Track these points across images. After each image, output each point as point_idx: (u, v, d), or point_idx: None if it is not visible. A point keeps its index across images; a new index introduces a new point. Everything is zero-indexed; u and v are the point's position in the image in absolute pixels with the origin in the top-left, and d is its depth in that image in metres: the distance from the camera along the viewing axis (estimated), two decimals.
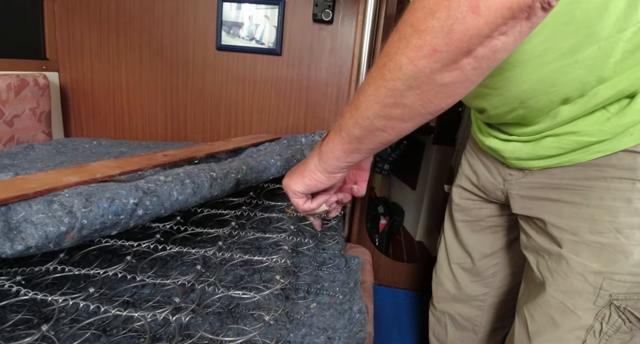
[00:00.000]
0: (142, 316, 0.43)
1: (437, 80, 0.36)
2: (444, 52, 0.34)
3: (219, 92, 1.40)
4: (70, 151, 1.14)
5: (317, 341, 0.63)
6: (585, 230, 0.57)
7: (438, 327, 1.01)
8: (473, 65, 0.35)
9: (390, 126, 0.43)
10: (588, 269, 0.57)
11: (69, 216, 0.51)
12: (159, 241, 0.61)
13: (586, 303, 0.58)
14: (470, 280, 0.91)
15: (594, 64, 0.48)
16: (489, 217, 0.84)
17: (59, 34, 1.44)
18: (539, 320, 0.64)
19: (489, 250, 0.86)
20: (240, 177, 0.74)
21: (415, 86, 0.37)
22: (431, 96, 0.38)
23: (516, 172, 0.68)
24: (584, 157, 0.56)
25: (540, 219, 0.64)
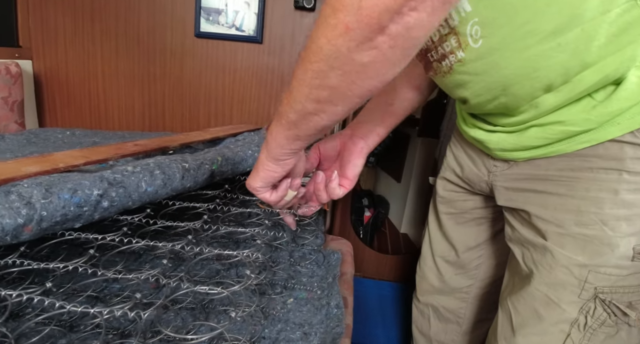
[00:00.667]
0: (98, 312, 0.41)
1: (356, 59, 0.37)
2: (357, 30, 0.34)
3: (198, 80, 1.37)
4: (41, 142, 1.10)
5: (293, 336, 0.61)
6: (571, 222, 0.56)
7: (421, 319, 1.00)
8: (389, 43, 0.35)
9: (321, 109, 0.43)
10: (573, 262, 0.56)
11: (27, 208, 0.49)
12: (126, 234, 0.59)
13: (571, 296, 0.57)
14: (454, 273, 0.90)
15: (578, 47, 0.46)
16: (473, 210, 0.83)
17: (32, 20, 1.38)
18: (523, 313, 0.63)
19: (473, 242, 0.86)
20: (215, 168, 0.71)
21: (336, 66, 0.38)
22: (353, 76, 0.38)
23: (501, 163, 0.66)
24: (569, 148, 0.54)
25: (524, 210, 0.63)
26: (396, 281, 1.81)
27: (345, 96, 0.41)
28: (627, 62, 0.47)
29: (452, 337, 0.95)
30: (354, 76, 0.38)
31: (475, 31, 0.51)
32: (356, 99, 0.42)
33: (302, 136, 0.49)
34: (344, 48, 0.36)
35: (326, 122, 0.45)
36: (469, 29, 0.51)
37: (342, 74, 0.38)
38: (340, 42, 0.36)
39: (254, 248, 0.58)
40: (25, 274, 0.63)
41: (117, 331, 0.58)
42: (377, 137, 0.68)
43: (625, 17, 0.44)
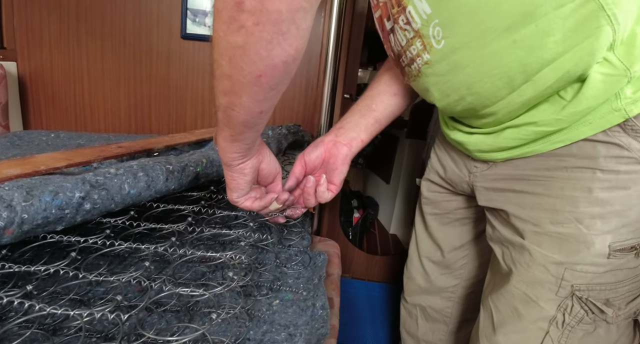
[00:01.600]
0: (78, 314, 0.41)
1: (232, 42, 0.37)
2: (222, 11, 0.36)
3: (184, 82, 1.36)
4: (25, 144, 1.09)
5: (278, 338, 0.61)
6: (547, 221, 0.57)
7: (409, 320, 1.01)
8: (252, 20, 0.35)
9: (232, 102, 0.43)
10: (549, 260, 0.57)
11: (7, 210, 0.48)
12: (109, 236, 0.58)
13: (548, 294, 0.58)
14: (440, 273, 0.91)
15: (533, 43, 0.47)
16: (456, 210, 0.84)
17: (17, 21, 1.36)
18: (504, 311, 0.63)
19: (458, 242, 0.87)
20: (199, 170, 0.71)
21: (222, 52, 0.39)
22: (238, 60, 0.39)
23: (481, 164, 0.67)
24: (544, 148, 0.55)
25: (503, 210, 0.64)
26: (385, 281, 1.82)
27: (242, 84, 0.41)
28: (587, 57, 0.47)
29: (439, 337, 0.95)
30: (239, 61, 0.39)
31: (437, 32, 0.51)
32: (253, 86, 0.41)
33: (235, 135, 0.49)
34: (220, 32, 0.37)
35: (245, 117, 0.45)
36: (431, 31, 0.52)
37: (229, 61, 0.39)
38: (216, 26, 0.37)
39: (239, 250, 0.58)
40: (8, 278, 0.62)
41: (101, 334, 0.57)
42: (360, 143, 0.68)
43: (581, 11, 0.44)
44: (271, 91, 0.43)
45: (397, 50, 0.61)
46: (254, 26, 0.36)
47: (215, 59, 0.40)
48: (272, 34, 0.37)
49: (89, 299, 0.64)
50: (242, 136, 0.49)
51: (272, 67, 0.40)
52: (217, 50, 0.39)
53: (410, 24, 0.54)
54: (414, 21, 0.53)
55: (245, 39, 0.37)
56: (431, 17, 0.51)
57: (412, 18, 0.53)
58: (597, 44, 0.46)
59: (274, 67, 0.40)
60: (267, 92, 0.43)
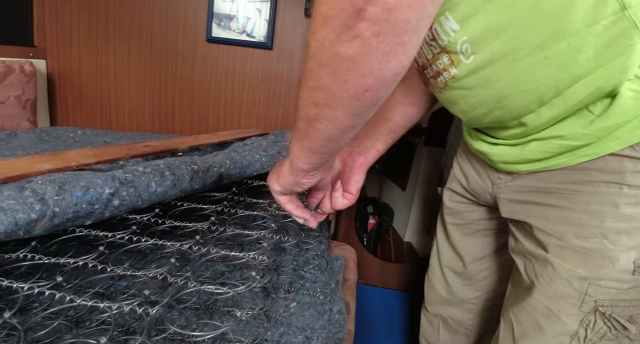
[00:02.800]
0: (108, 306, 0.42)
1: (341, 53, 0.33)
2: (333, 17, 0.31)
3: (207, 84, 1.38)
4: (53, 140, 1.12)
5: (295, 340, 0.62)
6: (571, 235, 0.56)
7: (430, 329, 1.00)
8: (372, 30, 0.31)
9: (322, 115, 0.40)
10: (573, 274, 0.56)
11: (40, 203, 0.50)
12: (135, 232, 0.60)
13: (571, 309, 0.57)
14: (461, 284, 0.90)
15: (565, 60, 0.46)
16: (479, 221, 0.83)
17: (47, 21, 1.41)
18: (525, 324, 0.63)
19: (480, 253, 0.86)
20: (223, 171, 0.72)
21: (325, 62, 0.35)
22: (344, 73, 0.35)
23: (504, 176, 0.67)
24: (570, 161, 0.55)
25: (527, 223, 0.63)
26: (399, 289, 1.80)
27: (341, 97, 0.37)
28: (618, 74, 0.46)
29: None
30: (344, 73, 0.35)
31: (465, 49, 0.51)
32: (355, 101, 0.37)
33: (315, 148, 0.46)
34: (326, 41, 0.33)
35: (332, 131, 0.42)
36: (459, 47, 0.51)
37: (332, 72, 0.35)
38: (321, 34, 0.33)
39: (261, 251, 0.58)
40: (34, 269, 0.64)
41: (122, 328, 0.59)
42: (376, 153, 0.68)
43: (614, 29, 0.44)
44: (372, 105, 0.39)
45: (421, 62, 0.61)
46: (373, 37, 0.31)
47: (311, 69, 0.36)
48: (392, 45, 0.33)
49: (111, 293, 0.66)
50: (323, 150, 0.46)
51: (381, 81, 0.36)
52: (317, 61, 0.35)
53: (436, 41, 0.53)
54: (440, 38, 0.52)
55: (358, 51, 0.33)
56: (459, 34, 0.50)
57: (438, 35, 0.52)
58: (629, 62, 0.46)
59: (384, 80, 0.36)
60: (367, 107, 0.39)
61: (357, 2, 0.29)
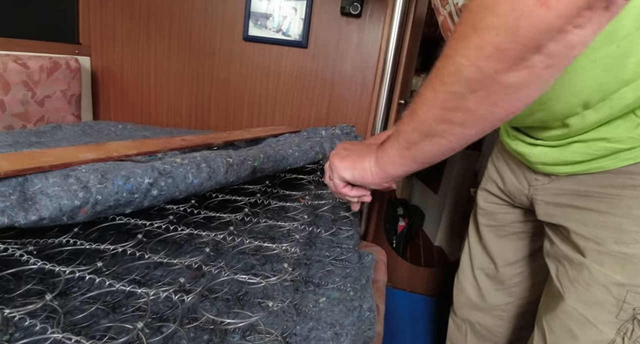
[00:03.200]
0: (145, 292, 0.43)
1: (503, 81, 0.34)
2: (509, 51, 0.31)
3: (243, 83, 1.40)
4: (95, 133, 1.16)
5: (324, 336, 0.61)
6: (610, 240, 0.55)
7: (457, 334, 0.98)
8: (546, 63, 0.32)
9: (451, 132, 0.41)
10: (611, 281, 0.54)
11: (83, 191, 0.52)
12: (172, 222, 0.61)
13: (608, 316, 0.55)
14: (493, 288, 0.88)
15: (613, 63, 0.45)
16: (513, 223, 0.81)
17: (92, 19, 1.47)
18: (557, 332, 0.61)
19: (513, 257, 0.83)
20: (256, 164, 0.73)
21: (478, 88, 0.35)
22: (497, 98, 0.35)
23: (542, 177, 0.65)
24: (612, 165, 0.53)
25: (564, 226, 0.62)
26: (427, 294, 1.77)
27: (484, 119, 0.38)
28: None
29: None
30: (497, 98, 0.35)
31: None
32: (496, 122, 0.38)
33: (420, 159, 0.47)
34: (490, 70, 0.33)
35: (453, 146, 0.43)
36: None
37: (484, 97, 0.36)
38: (487, 63, 0.33)
39: (293, 243, 0.59)
40: (75, 255, 0.66)
41: (156, 315, 0.60)
42: None
43: None
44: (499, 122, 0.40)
45: None
46: (544, 69, 0.32)
47: (456, 93, 0.37)
48: (555, 75, 0.34)
49: (147, 281, 0.67)
50: (427, 161, 0.48)
51: (527, 104, 0.37)
52: (468, 86, 0.35)
53: None
54: None
55: (524, 80, 0.33)
56: None
57: None
58: None
59: (528, 104, 0.37)
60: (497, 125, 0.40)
61: (543, 39, 0.30)
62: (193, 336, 0.57)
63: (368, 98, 1.32)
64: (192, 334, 0.57)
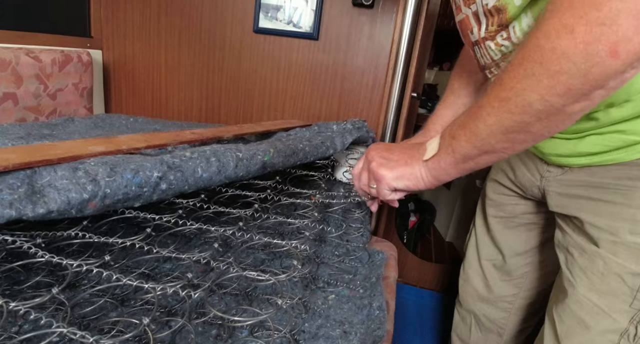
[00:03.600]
0: (152, 287, 0.42)
1: (568, 111, 0.40)
2: (579, 90, 0.37)
3: (253, 75, 1.39)
4: (107, 126, 1.16)
5: (333, 334, 0.61)
6: (625, 230, 0.56)
7: (462, 326, 0.99)
8: (603, 94, 0.38)
9: (511, 148, 0.47)
10: (626, 270, 0.56)
11: (92, 184, 0.51)
12: (181, 216, 0.61)
13: (622, 305, 0.57)
14: (500, 279, 0.88)
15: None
16: (523, 214, 0.81)
17: (103, 13, 1.47)
18: (568, 322, 0.62)
19: (522, 248, 0.84)
20: (267, 159, 0.72)
21: (544, 117, 0.41)
22: (558, 123, 0.42)
23: (555, 169, 0.66)
24: (628, 156, 0.54)
25: (577, 217, 0.63)
26: (438, 290, 1.76)
27: (542, 137, 0.44)
28: None
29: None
30: (559, 122, 0.42)
31: None
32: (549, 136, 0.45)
33: (474, 167, 0.53)
34: (559, 105, 0.39)
35: (507, 156, 0.49)
36: None
37: (548, 123, 0.42)
38: (556, 99, 0.39)
39: (302, 240, 0.58)
40: (84, 248, 0.66)
41: (165, 309, 0.60)
42: None
43: None
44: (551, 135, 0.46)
45: (483, 62, 0.61)
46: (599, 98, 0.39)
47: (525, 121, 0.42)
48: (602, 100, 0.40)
49: (156, 275, 0.67)
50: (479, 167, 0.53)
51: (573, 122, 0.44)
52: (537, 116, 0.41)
53: (511, 39, 0.54)
54: (516, 35, 0.54)
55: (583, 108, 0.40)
56: None
57: (515, 33, 0.54)
58: None
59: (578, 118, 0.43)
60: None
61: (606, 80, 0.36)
62: (201, 330, 0.57)
63: (380, 92, 1.30)
64: (201, 329, 0.57)
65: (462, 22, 0.61)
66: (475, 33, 0.58)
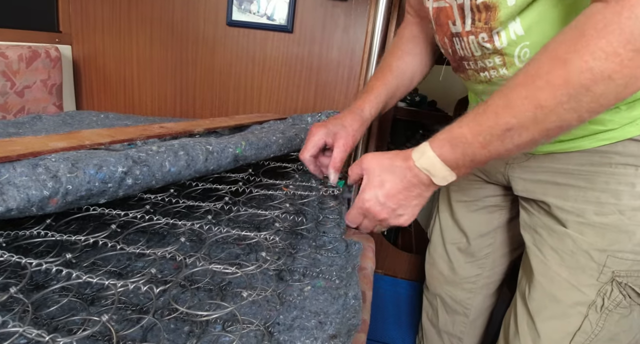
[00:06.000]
0: (112, 284, 0.41)
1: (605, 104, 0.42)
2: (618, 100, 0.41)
3: (228, 69, 1.38)
4: (76, 123, 1.13)
5: (308, 324, 0.60)
6: (591, 212, 0.60)
7: (430, 310, 1.03)
8: None
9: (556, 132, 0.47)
10: (594, 247, 0.60)
11: (53, 181, 0.50)
12: (148, 212, 0.59)
13: (590, 279, 0.61)
14: (464, 261, 0.92)
15: None
16: (486, 198, 0.85)
17: (72, 7, 1.42)
18: (539, 297, 0.67)
19: (485, 230, 0.88)
20: (238, 152, 0.71)
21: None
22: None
23: (519, 155, 0.69)
24: (590, 144, 0.59)
25: (543, 201, 0.67)
26: (419, 280, 1.78)
27: None
28: None
29: (460, 328, 0.98)
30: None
31: (524, 53, 0.55)
32: None
33: None
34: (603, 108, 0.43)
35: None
36: (518, 51, 0.55)
37: None
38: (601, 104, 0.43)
39: (272, 231, 0.57)
40: (52, 248, 0.65)
41: (136, 307, 0.59)
42: None
43: None
44: None
45: (463, 54, 0.63)
46: None
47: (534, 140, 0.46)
48: None
49: (127, 273, 0.66)
50: None
51: None
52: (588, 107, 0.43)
53: (494, 43, 0.56)
54: (500, 41, 0.55)
55: None
56: (521, 38, 0.54)
57: (499, 38, 0.55)
58: None
59: None
60: None
61: None
62: (174, 327, 0.56)
63: (355, 84, 1.30)
64: (173, 326, 0.56)
65: (443, 10, 0.61)
66: (458, 25, 0.59)
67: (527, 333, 0.68)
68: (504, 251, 0.89)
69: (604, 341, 0.62)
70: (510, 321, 0.74)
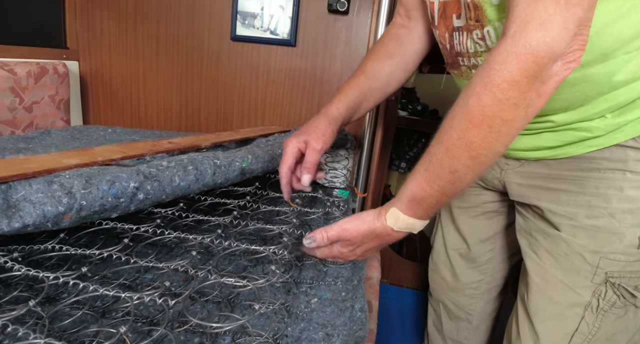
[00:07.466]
0: (129, 296, 0.43)
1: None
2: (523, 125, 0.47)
3: (232, 83, 1.40)
4: (85, 138, 1.15)
5: (315, 336, 0.61)
6: (582, 215, 0.63)
7: (434, 316, 1.04)
8: None
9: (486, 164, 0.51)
10: (586, 249, 0.62)
11: (67, 197, 0.51)
12: (159, 226, 0.61)
13: (584, 281, 0.63)
14: (466, 267, 0.93)
15: (600, 80, 0.53)
16: (485, 204, 0.87)
17: (79, 24, 1.45)
18: (537, 299, 0.68)
19: (485, 235, 0.90)
20: (245, 166, 0.73)
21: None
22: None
23: (512, 161, 0.72)
24: (578, 151, 0.61)
25: (537, 206, 0.69)
26: (423, 289, 1.78)
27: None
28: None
29: (465, 334, 0.98)
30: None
31: None
32: None
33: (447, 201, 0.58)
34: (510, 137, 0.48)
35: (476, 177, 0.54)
36: None
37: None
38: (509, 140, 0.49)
39: (282, 245, 0.58)
40: (64, 261, 0.66)
41: (147, 319, 0.60)
42: None
43: None
44: None
45: (459, 49, 0.65)
46: None
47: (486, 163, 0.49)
48: None
49: (137, 285, 0.67)
50: None
51: None
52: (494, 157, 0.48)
53: (485, 41, 0.58)
54: (490, 40, 0.57)
55: None
56: None
57: (490, 37, 0.57)
58: None
59: None
60: None
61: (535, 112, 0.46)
62: (184, 339, 0.57)
63: None
64: (183, 338, 0.57)
65: (449, 4, 0.62)
66: (462, 19, 0.61)
67: (527, 335, 0.70)
68: (504, 256, 0.91)
69: (602, 342, 0.64)
70: (512, 324, 0.75)
